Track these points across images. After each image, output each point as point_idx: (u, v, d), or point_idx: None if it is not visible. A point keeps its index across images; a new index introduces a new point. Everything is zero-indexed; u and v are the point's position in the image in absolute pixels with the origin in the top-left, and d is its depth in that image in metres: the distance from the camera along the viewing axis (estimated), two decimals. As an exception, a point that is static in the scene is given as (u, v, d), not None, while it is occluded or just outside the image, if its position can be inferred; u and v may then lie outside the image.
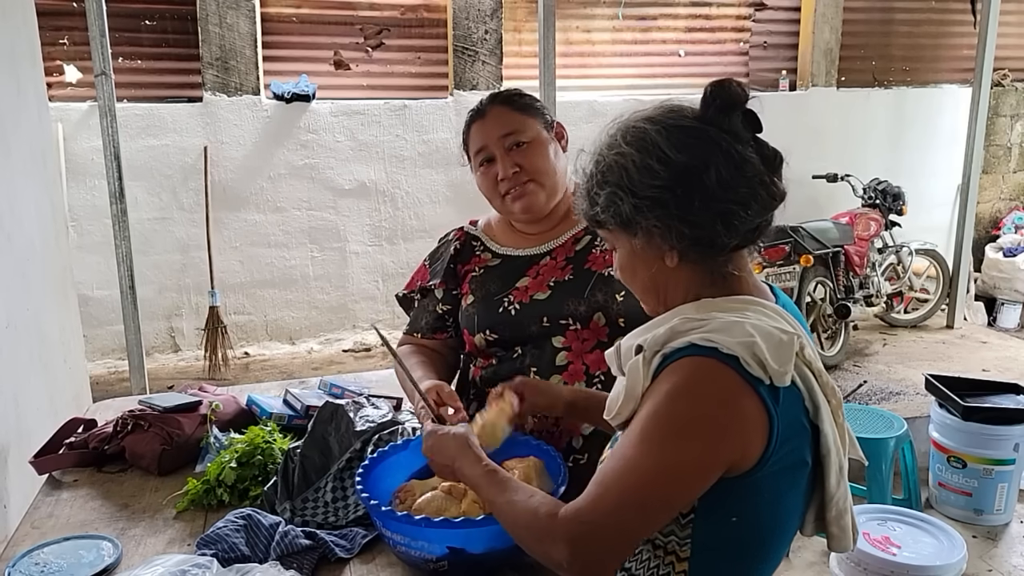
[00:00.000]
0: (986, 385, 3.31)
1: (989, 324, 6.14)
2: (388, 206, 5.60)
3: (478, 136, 1.61)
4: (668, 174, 1.02)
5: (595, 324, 1.54)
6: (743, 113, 1.05)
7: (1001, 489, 3.07)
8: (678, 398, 0.98)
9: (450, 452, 1.23)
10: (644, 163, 1.03)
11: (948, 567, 2.35)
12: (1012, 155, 7.03)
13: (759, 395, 0.97)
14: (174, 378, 4.89)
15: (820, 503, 1.10)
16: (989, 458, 3.05)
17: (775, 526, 1.07)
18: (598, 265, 1.58)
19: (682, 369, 0.99)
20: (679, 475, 0.97)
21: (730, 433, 0.97)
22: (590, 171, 1.10)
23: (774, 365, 0.97)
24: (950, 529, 2.50)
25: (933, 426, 3.23)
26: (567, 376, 1.54)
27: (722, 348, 0.97)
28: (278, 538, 1.34)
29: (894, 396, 4.16)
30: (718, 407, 0.97)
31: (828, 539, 1.12)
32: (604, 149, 1.08)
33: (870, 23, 6.51)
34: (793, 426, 1.01)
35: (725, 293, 1.08)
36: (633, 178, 1.04)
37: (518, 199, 1.59)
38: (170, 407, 1.81)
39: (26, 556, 1.36)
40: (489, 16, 5.60)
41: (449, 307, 1.69)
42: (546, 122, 1.64)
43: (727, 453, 0.97)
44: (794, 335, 1.01)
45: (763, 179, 1.04)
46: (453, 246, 1.71)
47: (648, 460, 0.97)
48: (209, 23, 5.10)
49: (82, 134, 4.89)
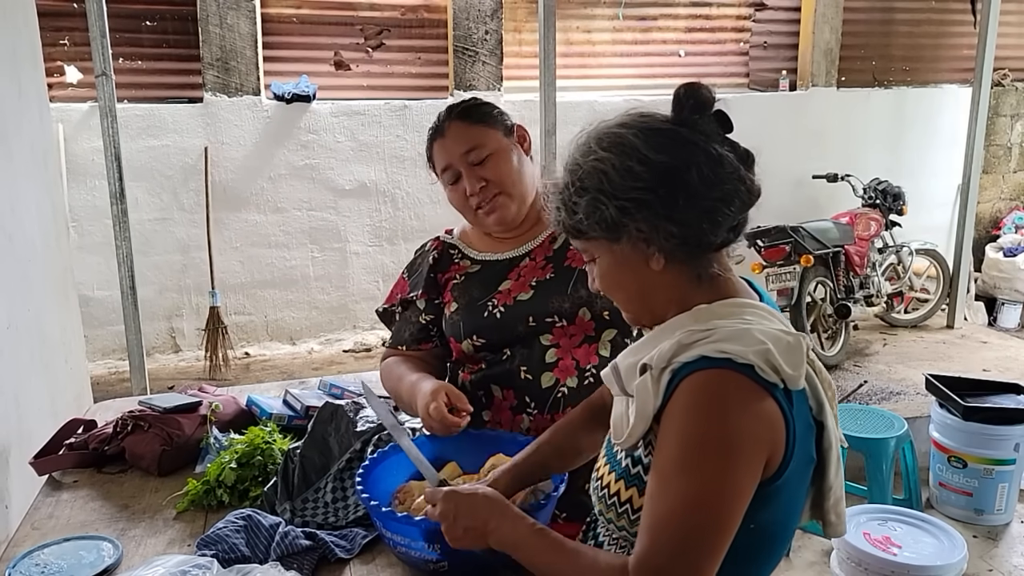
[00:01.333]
0: (986, 385, 3.31)
1: (989, 324, 6.14)
2: (388, 206, 5.60)
3: (441, 155, 1.61)
4: (650, 175, 1.02)
5: (580, 319, 1.55)
6: (714, 114, 1.06)
7: (1002, 489, 3.07)
8: (706, 416, 0.96)
9: (481, 514, 1.11)
10: (624, 166, 1.02)
11: (949, 567, 2.35)
12: (1012, 155, 7.02)
13: (776, 400, 0.97)
14: (174, 378, 4.89)
15: (818, 493, 1.10)
16: (989, 458, 3.05)
17: (785, 526, 1.07)
18: (578, 261, 1.57)
19: (700, 384, 0.97)
20: (732, 495, 0.95)
21: (762, 442, 0.97)
22: (565, 181, 1.08)
23: (788, 370, 0.97)
24: (951, 529, 2.50)
25: (934, 426, 3.23)
26: (558, 372, 1.54)
27: (736, 358, 0.96)
28: (278, 539, 1.34)
29: (894, 396, 4.16)
30: (747, 418, 0.96)
31: (824, 527, 1.12)
32: (578, 157, 1.07)
33: (870, 23, 6.51)
34: (804, 426, 1.02)
35: (713, 296, 1.07)
36: (614, 182, 1.03)
37: (490, 213, 1.59)
38: (170, 408, 1.82)
39: (26, 557, 1.37)
40: (489, 16, 5.60)
41: (432, 317, 1.68)
42: (506, 128, 1.62)
43: (762, 462, 0.97)
44: (800, 336, 1.01)
45: (741, 176, 1.04)
46: (431, 256, 1.71)
47: (698, 488, 0.95)
48: (209, 24, 5.10)
49: (83, 135, 4.89)
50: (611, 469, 1.11)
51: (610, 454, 1.13)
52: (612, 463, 1.11)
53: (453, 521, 1.12)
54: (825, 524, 1.11)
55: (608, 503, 1.09)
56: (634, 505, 1.05)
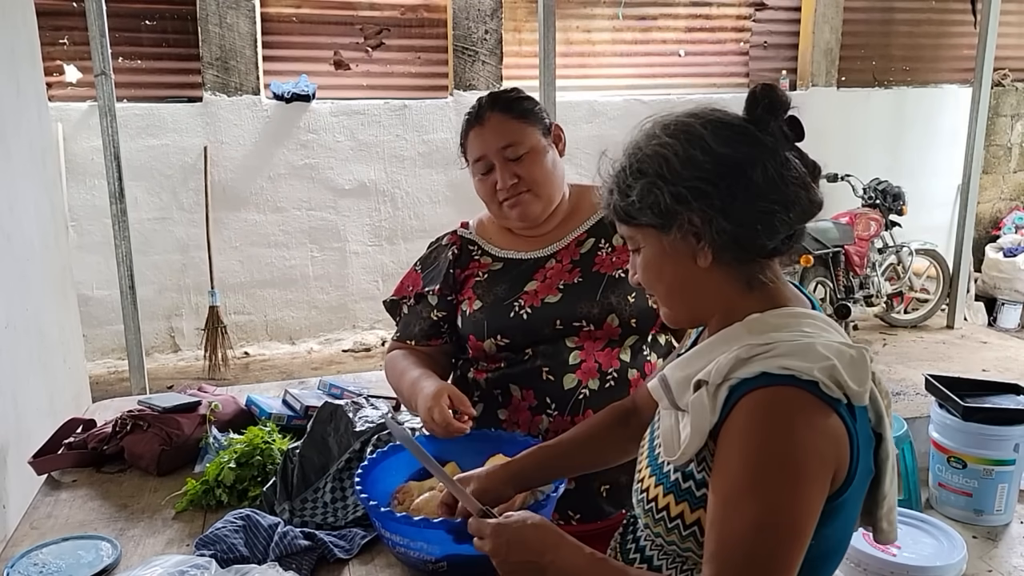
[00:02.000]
0: (986, 385, 3.29)
1: (989, 324, 6.14)
2: (388, 206, 5.60)
3: (477, 144, 1.59)
4: (712, 166, 0.98)
5: (608, 325, 1.54)
6: (788, 119, 1.04)
7: (1001, 489, 3.06)
8: (771, 435, 0.93)
9: (535, 547, 1.06)
10: (687, 154, 0.99)
11: (948, 568, 2.35)
12: (1012, 155, 7.03)
13: (840, 416, 0.94)
14: (174, 378, 4.89)
15: (872, 502, 1.07)
16: (989, 458, 3.04)
17: (843, 540, 1.05)
18: (606, 267, 1.57)
19: (764, 402, 0.94)
20: (802, 516, 0.92)
21: (829, 460, 0.94)
22: (622, 164, 1.04)
23: (853, 386, 0.94)
24: (950, 530, 2.50)
25: (933, 426, 3.22)
26: (580, 374, 1.53)
27: (800, 375, 0.93)
28: (277, 539, 1.34)
29: (894, 396, 4.14)
30: (814, 436, 0.93)
31: (875, 533, 1.09)
32: (641, 141, 1.04)
33: (870, 23, 6.51)
34: (865, 440, 0.99)
35: (765, 305, 1.03)
36: (674, 168, 0.99)
37: (515, 208, 1.58)
38: (169, 407, 1.81)
39: (25, 556, 1.36)
40: (489, 16, 5.60)
41: (444, 313, 1.66)
42: (544, 127, 1.61)
43: (828, 480, 0.94)
44: (863, 349, 0.98)
45: (805, 183, 1.01)
46: (450, 251, 1.69)
47: (766, 511, 0.92)
48: (209, 23, 5.10)
49: (82, 134, 4.89)
50: (657, 482, 1.07)
51: (655, 466, 1.10)
52: (659, 476, 1.08)
53: (506, 557, 1.07)
54: (876, 531, 1.09)
55: (656, 517, 1.06)
56: (685, 520, 1.02)
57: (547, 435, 1.49)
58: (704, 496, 1.00)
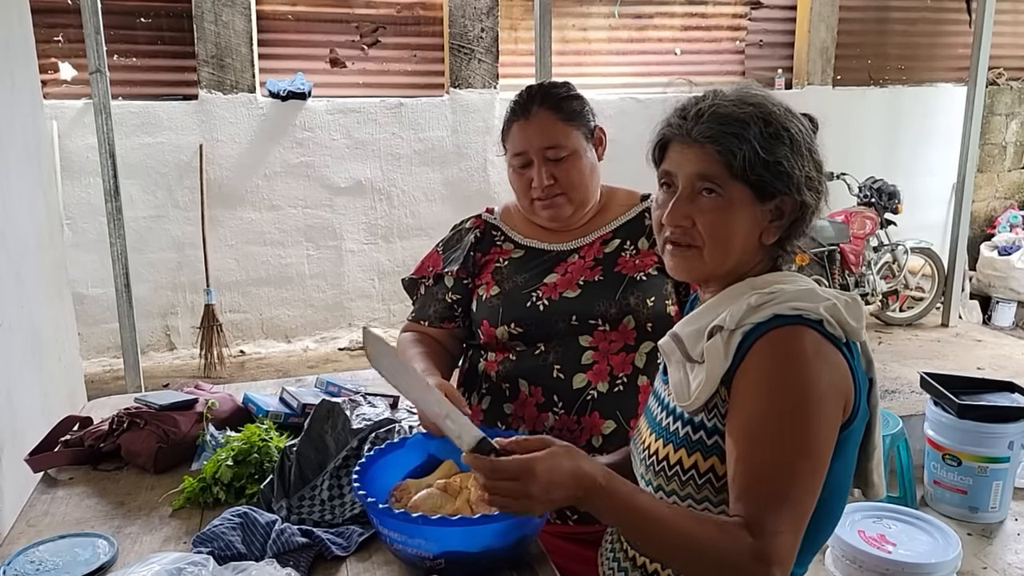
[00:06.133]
0: (981, 383, 3.32)
1: (984, 322, 6.16)
2: (384, 204, 5.59)
3: (519, 138, 1.57)
4: (815, 163, 1.12)
5: (624, 327, 1.53)
6: (807, 116, 1.16)
7: (996, 487, 3.08)
8: (788, 369, 1.00)
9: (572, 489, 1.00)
10: (809, 145, 1.11)
11: (943, 565, 2.36)
12: (1007, 154, 7.05)
13: (842, 352, 1.03)
14: (169, 376, 4.88)
15: (862, 454, 1.13)
16: (984, 456, 3.06)
17: (845, 479, 1.11)
18: (628, 268, 1.57)
19: (780, 340, 1.02)
20: (825, 445, 1.00)
21: (840, 390, 1.02)
22: (767, 119, 1.08)
23: (852, 323, 1.03)
24: (945, 527, 2.51)
25: (928, 424, 3.24)
26: (591, 375, 1.53)
27: (807, 314, 1.02)
28: (274, 536, 1.34)
29: (889, 394, 4.17)
30: (827, 368, 1.01)
31: (866, 488, 1.16)
32: (775, 110, 1.10)
33: (866, 22, 6.52)
34: (862, 378, 1.07)
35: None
36: (803, 152, 1.09)
37: (547, 209, 1.58)
38: (166, 405, 1.81)
39: (21, 554, 1.36)
40: (485, 14, 5.59)
41: (459, 296, 1.66)
42: (588, 130, 1.59)
43: (840, 410, 1.02)
44: (855, 296, 1.09)
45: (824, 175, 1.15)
46: (473, 234, 1.68)
47: (794, 439, 0.98)
48: (205, 20, 5.08)
49: (77, 132, 4.87)
50: (666, 441, 1.11)
51: (656, 426, 1.15)
52: (663, 434, 1.12)
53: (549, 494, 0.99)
54: (867, 485, 1.16)
55: (668, 475, 1.10)
56: (700, 469, 1.07)
57: (551, 433, 1.49)
58: (715, 444, 1.06)
